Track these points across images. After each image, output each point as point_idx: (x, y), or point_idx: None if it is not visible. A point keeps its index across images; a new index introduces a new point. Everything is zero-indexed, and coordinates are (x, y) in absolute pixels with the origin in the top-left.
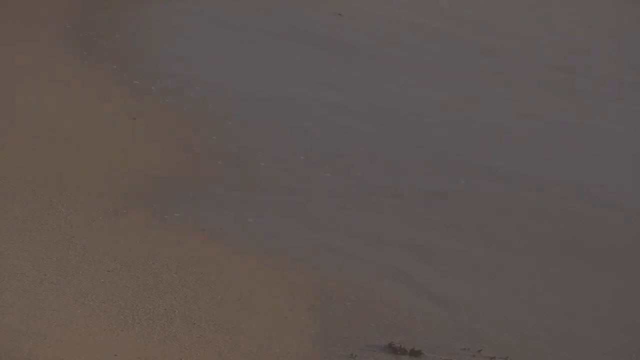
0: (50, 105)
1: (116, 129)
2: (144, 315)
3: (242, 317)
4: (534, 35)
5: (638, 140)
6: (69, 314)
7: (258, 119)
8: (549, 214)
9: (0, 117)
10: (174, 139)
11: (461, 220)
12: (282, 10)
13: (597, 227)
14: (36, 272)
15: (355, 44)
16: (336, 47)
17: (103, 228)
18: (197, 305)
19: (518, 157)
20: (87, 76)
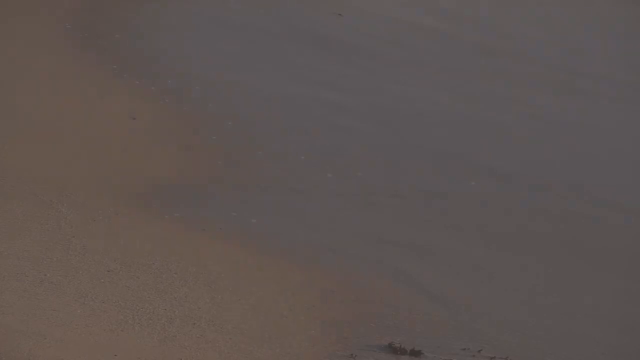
0: (50, 105)
1: (116, 129)
2: (144, 315)
3: (242, 317)
4: (534, 35)
5: (638, 140)
6: (69, 314)
7: (258, 119)
8: (549, 214)
9: (0, 117)
10: (174, 139)
11: (461, 220)
12: (282, 10)
13: (597, 227)
14: (36, 272)
15: (355, 44)
16: (336, 47)
17: (103, 228)
18: (197, 305)
19: (518, 157)
20: (87, 76)
